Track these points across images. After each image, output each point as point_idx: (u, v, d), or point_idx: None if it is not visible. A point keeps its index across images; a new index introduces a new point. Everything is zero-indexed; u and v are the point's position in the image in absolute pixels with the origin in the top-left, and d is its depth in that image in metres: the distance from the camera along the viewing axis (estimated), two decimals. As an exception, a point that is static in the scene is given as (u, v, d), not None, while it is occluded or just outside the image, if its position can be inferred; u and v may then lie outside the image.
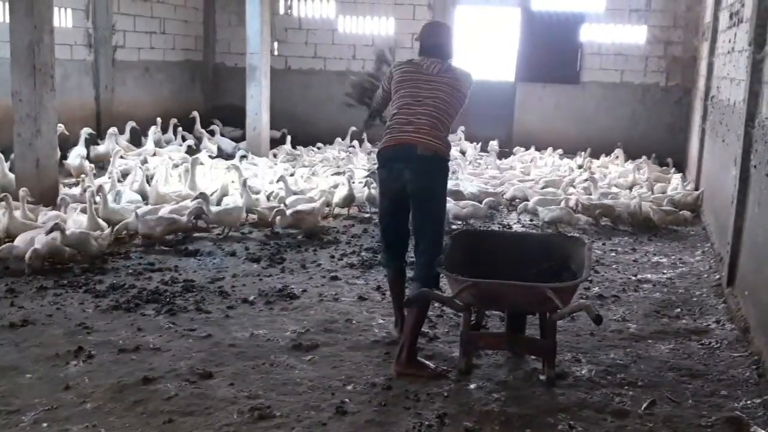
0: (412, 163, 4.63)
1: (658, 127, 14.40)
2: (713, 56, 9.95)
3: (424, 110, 4.70)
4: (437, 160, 4.66)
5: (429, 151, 4.61)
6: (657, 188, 10.42)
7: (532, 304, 4.46)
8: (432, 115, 4.69)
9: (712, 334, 5.36)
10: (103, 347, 4.69)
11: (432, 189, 4.69)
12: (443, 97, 4.74)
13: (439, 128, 4.68)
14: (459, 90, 4.81)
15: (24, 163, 7.76)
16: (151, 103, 14.21)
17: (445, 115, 4.73)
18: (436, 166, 4.67)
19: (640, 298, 6.16)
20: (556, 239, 5.40)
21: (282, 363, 4.58)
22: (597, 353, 4.90)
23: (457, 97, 4.80)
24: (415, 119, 4.68)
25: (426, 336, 5.05)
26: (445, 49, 4.95)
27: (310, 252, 7.27)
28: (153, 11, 14.47)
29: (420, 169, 4.63)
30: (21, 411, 3.86)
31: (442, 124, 4.70)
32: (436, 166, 4.67)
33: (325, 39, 15.67)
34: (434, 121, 4.68)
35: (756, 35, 5.81)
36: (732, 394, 4.36)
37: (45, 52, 7.62)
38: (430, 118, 4.68)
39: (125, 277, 6.20)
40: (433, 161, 4.64)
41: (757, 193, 5.44)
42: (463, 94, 4.84)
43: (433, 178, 4.68)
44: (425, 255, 4.67)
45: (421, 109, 4.71)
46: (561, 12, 14.65)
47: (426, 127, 4.65)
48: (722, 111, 8.28)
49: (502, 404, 4.12)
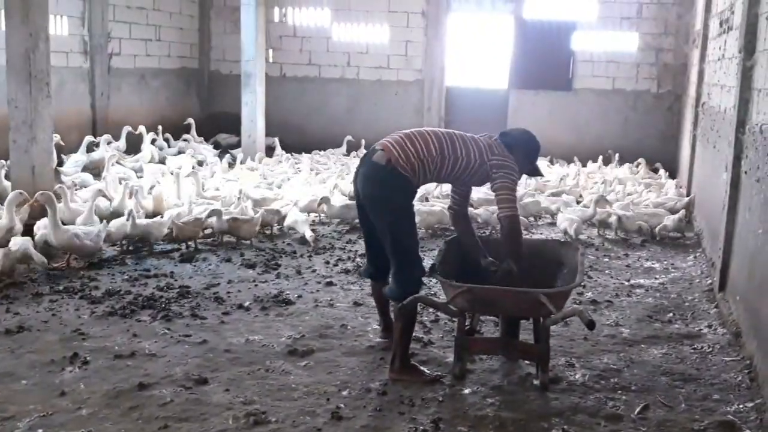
0: (363, 168, 4.55)
1: (650, 133, 14.52)
2: (704, 63, 10.02)
3: (422, 130, 4.63)
4: (385, 170, 4.40)
5: (382, 159, 4.42)
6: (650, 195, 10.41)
7: (526, 310, 4.48)
8: (423, 134, 4.55)
9: (704, 338, 5.40)
10: (98, 353, 4.71)
11: (379, 199, 4.46)
12: (456, 136, 4.57)
13: (417, 146, 4.45)
14: (482, 150, 4.55)
15: (19, 170, 7.76)
16: (146, 110, 14.23)
17: (440, 143, 4.49)
18: (385, 177, 4.41)
19: (632, 303, 6.20)
20: (549, 244, 5.43)
21: (277, 368, 4.59)
22: (590, 358, 4.93)
23: (473, 149, 4.54)
24: (405, 131, 4.61)
25: (420, 341, 5.08)
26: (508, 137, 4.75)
27: (305, 258, 7.29)
28: (148, 19, 14.51)
29: (368, 176, 4.48)
30: (16, 417, 3.86)
31: (425, 146, 4.46)
32: (385, 177, 4.41)
33: (319, 46, 15.72)
34: (417, 138, 4.49)
35: (746, 42, 5.86)
36: (724, 398, 4.39)
37: (41, 60, 7.63)
38: (417, 135, 4.53)
39: (121, 283, 6.21)
40: (382, 170, 4.41)
41: (747, 198, 5.47)
42: (482, 157, 4.54)
43: (380, 188, 4.44)
44: (392, 269, 4.56)
45: (421, 129, 4.65)
46: (553, 20, 14.76)
47: (402, 139, 4.50)
48: (713, 117, 8.34)
49: (497, 409, 4.14)
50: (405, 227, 4.51)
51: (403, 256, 4.48)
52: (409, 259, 4.50)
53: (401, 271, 4.49)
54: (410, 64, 15.48)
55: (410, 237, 4.54)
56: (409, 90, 15.46)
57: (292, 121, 15.47)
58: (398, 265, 4.50)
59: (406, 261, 4.49)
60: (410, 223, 4.58)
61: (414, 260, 4.52)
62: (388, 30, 15.47)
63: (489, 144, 4.64)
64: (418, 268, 4.53)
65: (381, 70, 15.58)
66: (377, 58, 15.55)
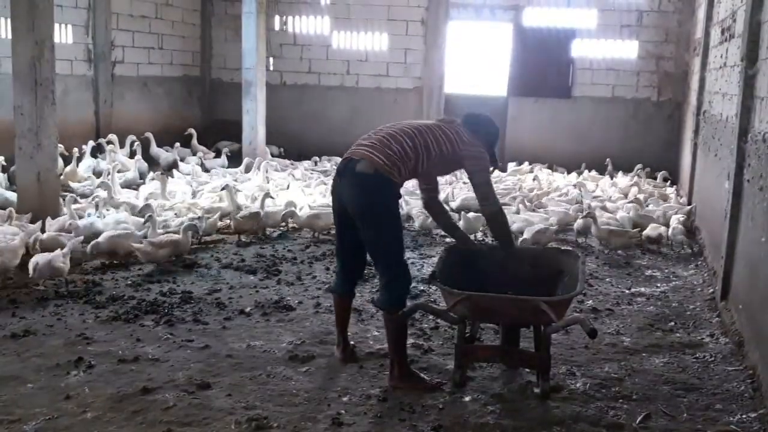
0: (348, 179, 4.42)
1: (650, 141, 14.51)
2: (705, 71, 10.01)
3: (389, 129, 4.52)
4: (375, 177, 4.33)
5: (369, 168, 4.33)
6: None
7: (527, 318, 4.48)
8: (393, 134, 4.46)
9: (706, 347, 5.39)
10: (102, 357, 4.73)
11: (371, 206, 4.37)
12: (422, 129, 4.52)
13: (394, 148, 4.38)
14: (451, 140, 4.53)
15: (25, 177, 7.85)
16: (149, 117, 14.26)
17: (412, 140, 4.44)
18: (372, 184, 4.34)
19: (634, 312, 6.19)
20: (549, 252, 5.43)
21: (278, 374, 4.61)
22: (591, 366, 4.93)
23: (443, 141, 4.51)
24: (374, 135, 4.52)
25: (420, 348, 5.08)
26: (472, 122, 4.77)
27: (306, 264, 7.31)
28: (151, 27, 14.57)
29: (356, 186, 4.37)
30: (22, 420, 3.89)
31: (401, 146, 4.40)
32: (372, 184, 4.34)
33: (319, 54, 15.77)
34: (391, 140, 4.41)
35: (748, 50, 5.84)
36: (727, 408, 4.37)
37: (46, 68, 7.70)
38: (389, 137, 4.44)
39: (124, 289, 6.24)
40: (368, 178, 4.33)
41: (750, 207, 5.46)
42: (453, 147, 4.53)
43: (368, 197, 4.36)
44: (381, 279, 4.51)
45: (387, 128, 4.54)
46: (553, 28, 14.79)
47: (379, 144, 4.41)
48: (714, 126, 8.34)
49: (497, 417, 4.14)
50: (395, 233, 4.46)
51: (394, 264, 4.43)
52: (399, 267, 4.45)
53: (393, 280, 4.43)
54: (409, 71, 15.52)
55: (400, 243, 4.49)
56: (409, 97, 15.49)
57: (292, 128, 15.51)
58: (389, 273, 4.43)
59: (397, 268, 4.44)
60: (400, 229, 4.55)
61: (404, 267, 4.49)
62: (387, 38, 15.52)
63: (457, 132, 4.60)
64: (407, 276, 4.50)
65: (380, 77, 15.62)
66: (376, 65, 15.59)
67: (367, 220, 4.40)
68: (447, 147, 4.54)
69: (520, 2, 14.83)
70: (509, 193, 10.38)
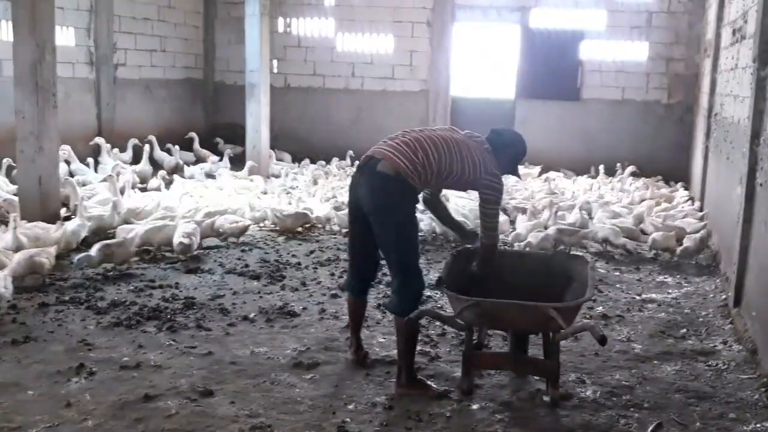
0: (367, 177, 4.41)
1: (661, 144, 14.34)
2: (716, 73, 9.93)
3: (417, 134, 4.49)
4: (395, 180, 4.31)
5: (389, 169, 4.32)
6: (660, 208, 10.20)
7: (535, 324, 4.41)
8: (421, 140, 4.43)
9: (719, 355, 5.30)
10: (104, 364, 4.67)
11: (389, 208, 4.35)
12: (451, 145, 4.45)
13: (419, 155, 4.36)
14: (476, 166, 4.47)
15: (26, 180, 7.83)
16: (152, 120, 14.21)
17: (439, 154, 4.39)
18: (392, 186, 4.32)
19: (645, 318, 6.10)
20: (558, 258, 5.35)
21: (283, 381, 4.54)
22: (602, 374, 4.85)
23: (469, 165, 4.46)
24: (401, 136, 4.51)
25: (428, 355, 5.01)
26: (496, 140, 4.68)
27: (310, 269, 7.24)
28: (153, 30, 14.52)
29: (373, 185, 4.36)
30: (23, 428, 3.84)
31: (426, 154, 4.37)
32: (392, 186, 4.32)
33: (324, 57, 15.70)
34: (418, 147, 4.38)
35: (760, 51, 5.78)
36: (741, 417, 4.29)
37: (47, 71, 7.68)
38: (416, 142, 4.41)
39: (126, 294, 6.17)
40: (388, 180, 4.31)
41: (763, 212, 5.39)
42: (476, 174, 4.48)
43: (386, 198, 4.34)
44: (394, 282, 4.48)
45: (416, 133, 4.53)
46: (561, 29, 14.69)
47: (405, 147, 4.39)
48: (726, 128, 8.26)
49: (506, 425, 4.08)
50: (411, 237, 4.46)
51: (408, 268, 4.41)
52: (413, 272, 4.43)
53: (405, 284, 4.40)
54: (415, 74, 15.43)
55: (415, 248, 4.51)
56: (414, 100, 15.40)
57: (297, 131, 15.44)
58: (402, 277, 4.41)
59: (410, 273, 4.42)
60: (416, 233, 4.55)
61: (418, 272, 4.46)
62: (392, 40, 15.44)
63: (484, 159, 4.53)
64: (421, 281, 4.47)
65: (385, 80, 15.55)
66: (382, 68, 15.51)
67: (382, 222, 4.39)
68: (469, 171, 4.49)
69: (527, 3, 14.75)
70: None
